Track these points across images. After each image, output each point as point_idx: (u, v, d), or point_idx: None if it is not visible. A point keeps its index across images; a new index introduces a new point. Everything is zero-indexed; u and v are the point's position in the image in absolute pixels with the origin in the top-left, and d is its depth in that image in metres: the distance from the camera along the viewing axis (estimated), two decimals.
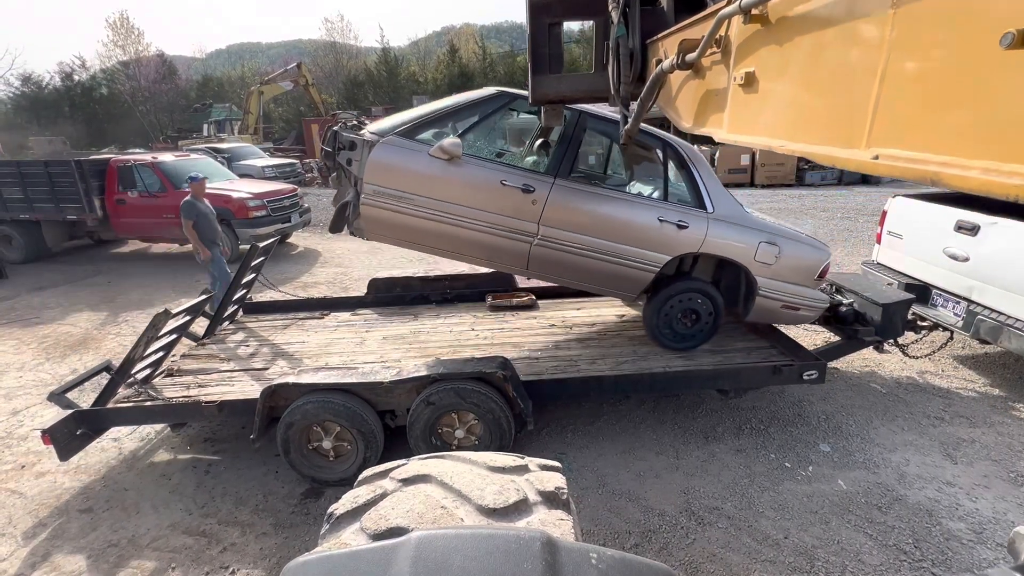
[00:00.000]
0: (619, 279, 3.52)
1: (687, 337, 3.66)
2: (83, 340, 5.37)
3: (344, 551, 1.05)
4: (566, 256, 3.43)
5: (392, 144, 3.26)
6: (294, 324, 4.54)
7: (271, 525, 2.78)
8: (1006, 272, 3.54)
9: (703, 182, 3.54)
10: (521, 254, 3.44)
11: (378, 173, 3.24)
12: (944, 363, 4.28)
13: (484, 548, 0.98)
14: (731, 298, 3.75)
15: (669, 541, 2.52)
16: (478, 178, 3.30)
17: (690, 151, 3.62)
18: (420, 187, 3.26)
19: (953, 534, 2.52)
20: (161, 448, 3.50)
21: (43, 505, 2.99)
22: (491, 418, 2.95)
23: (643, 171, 4.08)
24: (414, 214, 3.30)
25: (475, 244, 3.41)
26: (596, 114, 3.46)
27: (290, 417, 2.91)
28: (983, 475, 2.94)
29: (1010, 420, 3.46)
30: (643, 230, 3.41)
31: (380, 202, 3.27)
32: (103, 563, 2.57)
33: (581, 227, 3.38)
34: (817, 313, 3.78)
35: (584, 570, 0.95)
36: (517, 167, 3.43)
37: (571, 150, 3.41)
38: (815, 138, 1.11)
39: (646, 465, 3.10)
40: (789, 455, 3.14)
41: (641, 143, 3.71)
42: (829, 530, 2.56)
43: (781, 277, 3.55)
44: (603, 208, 3.39)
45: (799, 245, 3.59)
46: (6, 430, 3.76)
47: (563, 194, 3.35)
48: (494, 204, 3.31)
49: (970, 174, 0.76)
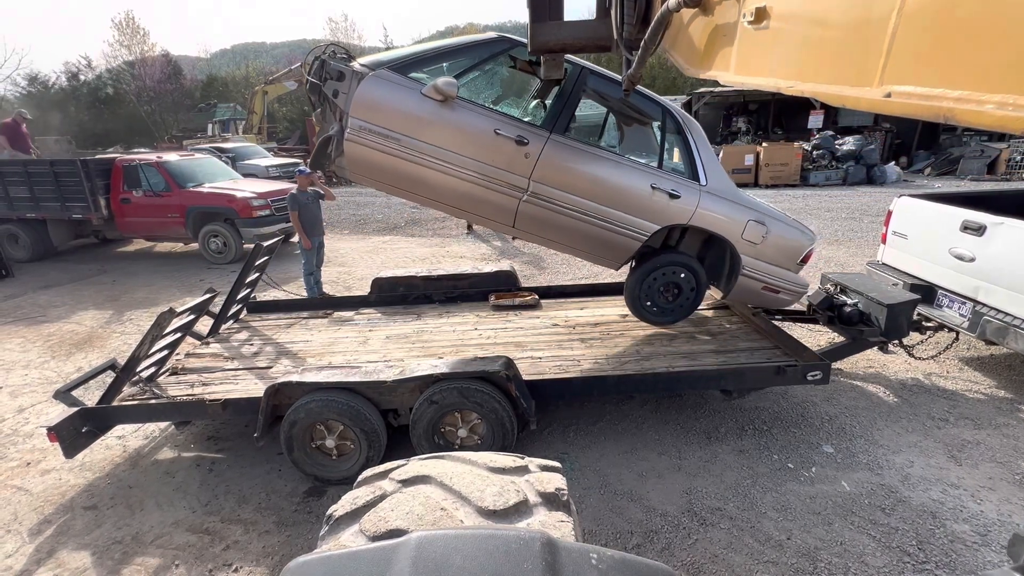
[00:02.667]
0: (605, 245, 3.47)
1: (667, 311, 3.68)
2: (88, 338, 5.40)
3: (344, 551, 1.05)
4: (554, 216, 3.33)
5: (383, 78, 3.07)
6: (298, 323, 4.55)
7: (274, 523, 2.79)
8: (1013, 273, 3.51)
9: (699, 153, 3.50)
10: (509, 210, 3.32)
11: (365, 108, 3.05)
12: (950, 364, 4.25)
13: (484, 548, 0.98)
14: (713, 276, 3.79)
15: (671, 541, 2.52)
16: (471, 124, 3.15)
17: (688, 120, 3.57)
18: (409, 128, 3.09)
19: (958, 536, 2.50)
20: (165, 446, 3.51)
21: (48, 502, 3.01)
22: (494, 417, 2.95)
23: (639, 136, 4.06)
24: (400, 156, 3.12)
25: (462, 195, 3.27)
26: (597, 71, 3.37)
27: (294, 415, 2.92)
28: (988, 477, 2.92)
29: (1015, 422, 3.44)
30: (635, 196, 3.35)
31: (365, 140, 3.08)
32: (107, 560, 2.58)
33: (573, 187, 3.28)
34: (796, 298, 3.82)
35: (584, 570, 0.95)
36: (512, 117, 3.29)
37: (569, 106, 3.29)
38: (825, 77, 1.09)
39: (648, 465, 3.09)
40: (792, 456, 3.13)
41: (640, 108, 3.65)
42: (832, 532, 2.55)
43: (765, 258, 3.58)
44: (597, 169, 3.31)
45: (786, 227, 3.62)
46: (12, 427, 3.78)
47: (558, 150, 3.24)
48: (485, 153, 3.17)
49: (985, 108, 0.74)
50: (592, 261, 3.69)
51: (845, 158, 14.64)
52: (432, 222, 10.86)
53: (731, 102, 21.80)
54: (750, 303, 3.92)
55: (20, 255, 8.46)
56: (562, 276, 6.93)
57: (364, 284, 6.03)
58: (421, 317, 4.50)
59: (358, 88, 3.03)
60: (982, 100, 0.75)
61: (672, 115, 3.53)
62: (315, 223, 5.77)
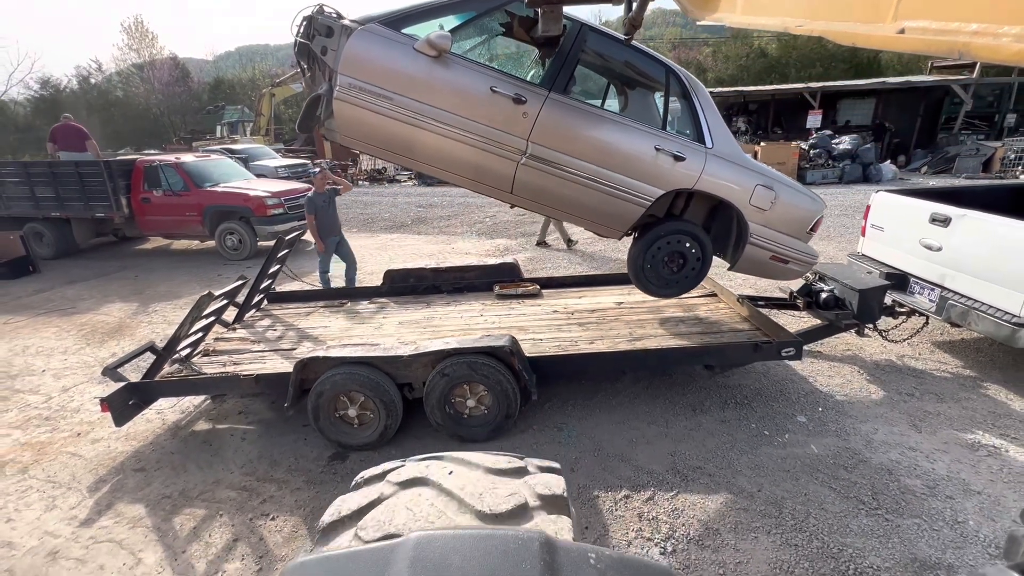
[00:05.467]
0: (607, 212, 3.34)
1: (671, 283, 3.58)
2: (118, 328, 5.77)
3: (343, 552, 1.06)
4: (554, 180, 3.22)
5: (373, 33, 2.94)
6: (316, 311, 4.91)
7: (304, 482, 3.14)
8: (974, 260, 3.83)
9: (704, 114, 3.37)
10: (506, 174, 3.20)
11: (355, 65, 2.92)
12: (922, 347, 4.57)
13: (482, 548, 0.98)
14: (719, 246, 3.68)
15: (655, 493, 2.86)
16: (466, 81, 3.02)
17: (693, 81, 3.44)
18: (401, 85, 2.96)
19: (909, 488, 2.83)
20: (200, 420, 3.87)
21: (101, 465, 3.37)
22: (499, 389, 3.29)
23: (642, 99, 3.95)
24: (392, 116, 2.99)
25: (458, 158, 3.15)
26: (597, 28, 3.25)
27: (320, 387, 3.27)
28: (944, 442, 3.24)
29: (976, 396, 3.75)
30: (638, 158, 3.23)
31: (355, 98, 2.94)
32: (159, 511, 2.94)
33: (573, 148, 3.17)
34: (805, 270, 3.69)
35: (583, 570, 0.95)
36: (509, 74, 3.14)
37: (568, 64, 3.16)
38: (836, 14, 1.06)
39: (638, 433, 3.43)
40: (769, 425, 3.46)
41: (642, 68, 3.53)
42: (798, 485, 2.88)
43: (773, 225, 3.46)
44: (597, 129, 3.20)
45: (795, 193, 3.51)
46: (59, 404, 4.15)
47: (557, 109, 3.11)
48: (482, 112, 3.04)
49: (1002, 42, 0.71)
50: (593, 230, 3.54)
51: (841, 157, 14.92)
52: (438, 220, 11.21)
53: (731, 102, 22.10)
54: (757, 275, 3.83)
55: (44, 252, 8.86)
56: (563, 271, 7.26)
57: (374, 278, 6.38)
58: (430, 305, 4.85)
59: (347, 43, 2.90)
60: (999, 33, 0.71)
61: (676, 75, 3.38)
62: (331, 224, 5.98)
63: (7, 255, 7.89)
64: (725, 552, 2.46)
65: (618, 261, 7.55)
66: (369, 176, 18.45)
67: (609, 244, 8.42)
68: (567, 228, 8.51)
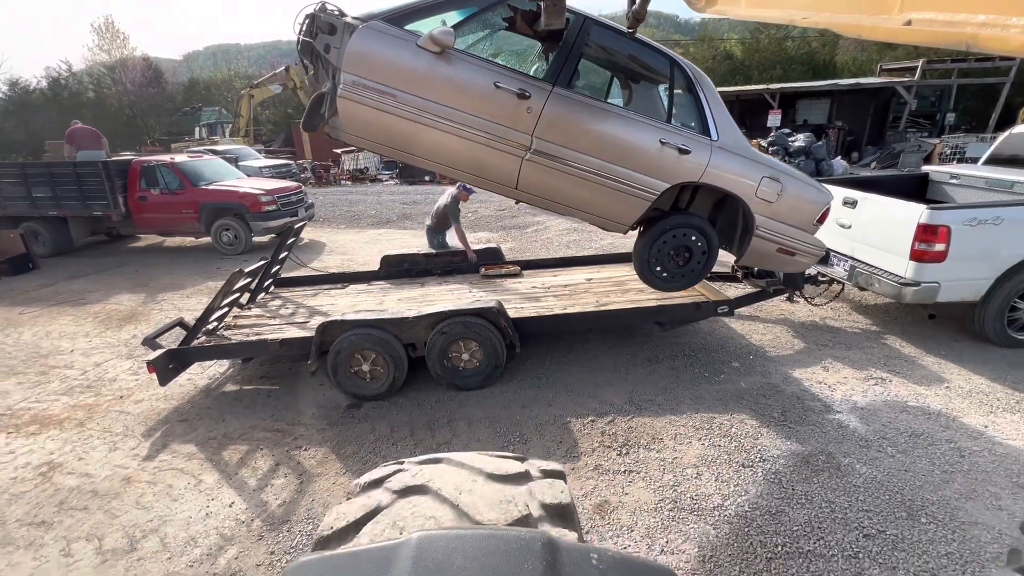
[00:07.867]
0: (612, 206, 3.35)
1: (676, 276, 3.60)
2: (132, 314, 6.25)
3: (344, 551, 1.06)
4: (559, 175, 3.22)
5: (376, 30, 2.94)
6: (321, 292, 5.52)
7: (326, 424, 3.78)
8: (873, 234, 4.69)
9: (709, 107, 3.38)
10: (511, 170, 3.21)
11: (358, 62, 2.92)
12: (841, 311, 5.45)
13: (485, 548, 0.98)
14: (725, 239, 3.72)
15: (615, 418, 3.60)
16: (470, 77, 3.03)
17: (698, 73, 3.45)
18: (405, 82, 2.97)
19: (810, 408, 3.64)
20: (228, 382, 4.46)
21: (148, 419, 3.94)
22: (489, 344, 3.98)
23: (646, 92, 4.01)
24: (396, 113, 3.00)
25: (462, 155, 3.15)
26: (601, 21, 3.27)
27: (338, 346, 3.90)
28: (844, 377, 4.07)
29: (876, 345, 4.61)
30: (643, 152, 3.23)
31: (359, 95, 2.95)
32: (208, 448, 3.54)
33: (578, 143, 3.17)
34: (812, 261, 3.69)
35: (585, 571, 0.94)
36: (513, 70, 3.15)
37: (572, 58, 3.15)
38: (843, 6, 1.03)
39: (603, 378, 4.17)
40: (708, 369, 4.24)
41: (646, 61, 3.55)
42: (727, 408, 3.66)
43: (780, 217, 3.47)
44: (602, 123, 3.21)
45: (802, 184, 3.51)
46: (96, 376, 4.67)
47: (561, 104, 3.12)
48: (486, 108, 3.06)
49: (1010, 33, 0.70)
50: (598, 224, 3.53)
51: (797, 153, 16.06)
52: (423, 216, 11.81)
53: None
54: (764, 266, 3.82)
55: (41, 251, 9.16)
56: (542, 255, 7.99)
57: (367, 268, 6.98)
58: (424, 285, 5.51)
59: (350, 41, 2.90)
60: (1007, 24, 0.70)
61: (681, 67, 3.38)
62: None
63: (8, 252, 8.22)
64: (665, 452, 3.21)
65: (591, 250, 8.31)
66: (352, 176, 18.90)
67: (583, 236, 9.19)
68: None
